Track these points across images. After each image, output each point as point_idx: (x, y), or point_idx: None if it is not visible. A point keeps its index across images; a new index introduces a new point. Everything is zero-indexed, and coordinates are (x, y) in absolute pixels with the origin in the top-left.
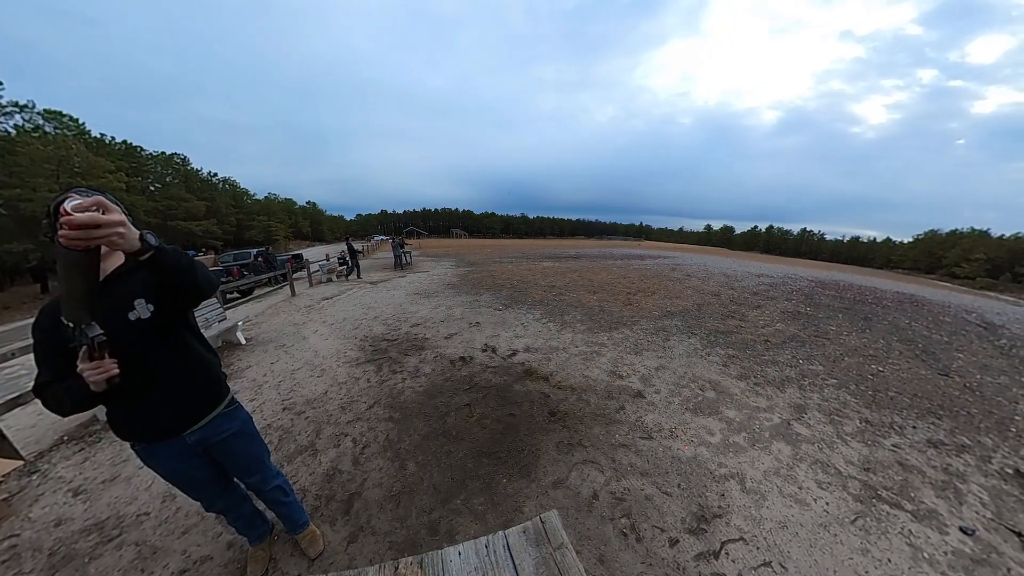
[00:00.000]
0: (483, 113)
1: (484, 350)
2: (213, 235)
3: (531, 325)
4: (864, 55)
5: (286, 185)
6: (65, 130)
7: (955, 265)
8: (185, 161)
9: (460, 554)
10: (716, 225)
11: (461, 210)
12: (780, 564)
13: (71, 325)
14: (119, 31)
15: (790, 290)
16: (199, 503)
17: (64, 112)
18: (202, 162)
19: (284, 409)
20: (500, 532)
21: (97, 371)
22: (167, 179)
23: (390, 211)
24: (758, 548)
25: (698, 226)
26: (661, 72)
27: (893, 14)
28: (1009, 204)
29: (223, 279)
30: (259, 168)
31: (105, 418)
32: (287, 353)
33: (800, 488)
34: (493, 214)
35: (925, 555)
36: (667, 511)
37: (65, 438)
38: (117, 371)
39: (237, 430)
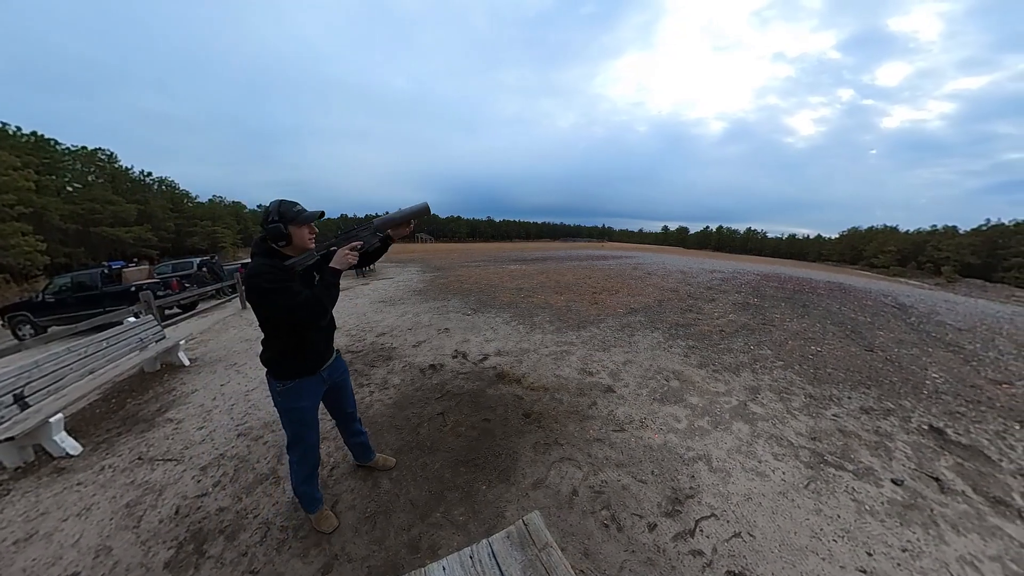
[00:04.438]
0: (446, 115)
1: (455, 356)
2: (147, 243)
3: (501, 328)
4: (794, 75)
5: (234, 186)
6: None
7: (873, 257)
8: (112, 158)
9: (444, 569)
10: (672, 226)
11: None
12: (748, 533)
13: (379, 234)
14: (28, 2)
15: (740, 284)
16: (312, 448)
17: None
18: (133, 160)
19: (239, 435)
20: (484, 540)
21: (355, 254)
22: (89, 178)
23: (351, 215)
24: (728, 521)
25: (656, 227)
26: (619, 82)
27: (817, 40)
28: (912, 204)
29: (160, 293)
30: (201, 167)
31: (272, 367)
32: (239, 373)
33: (760, 462)
34: (459, 218)
35: (867, 507)
36: (644, 498)
37: None
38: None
39: (345, 367)
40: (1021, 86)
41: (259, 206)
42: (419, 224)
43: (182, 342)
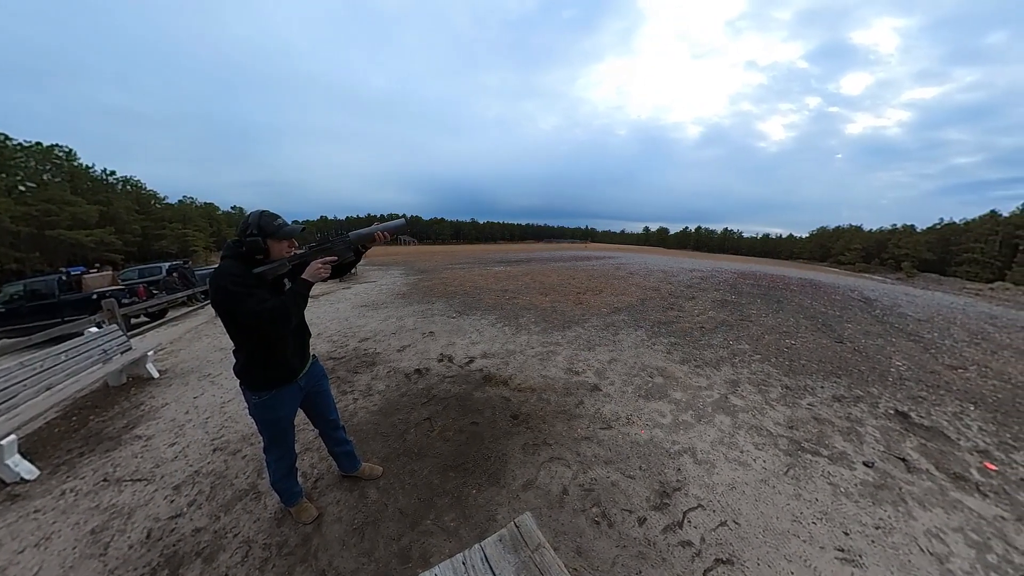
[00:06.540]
0: (429, 116)
1: (440, 360)
2: (110, 247)
3: (486, 330)
4: (766, 82)
5: (206, 187)
6: None
7: (840, 254)
8: (70, 155)
9: None
10: (653, 227)
11: (409, 216)
12: (734, 521)
13: (355, 245)
14: None
15: (718, 282)
16: (289, 451)
17: None
18: (94, 157)
19: (215, 450)
20: (476, 545)
21: (328, 268)
22: (45, 177)
23: (331, 217)
24: (714, 511)
25: (637, 228)
26: (599, 86)
27: (786, 50)
28: (874, 205)
29: (124, 300)
30: (170, 167)
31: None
32: (214, 384)
33: (742, 452)
34: (443, 220)
35: (842, 490)
36: (632, 493)
37: None
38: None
39: (323, 373)
40: (969, 96)
41: (233, 207)
42: (401, 227)
43: (151, 353)
